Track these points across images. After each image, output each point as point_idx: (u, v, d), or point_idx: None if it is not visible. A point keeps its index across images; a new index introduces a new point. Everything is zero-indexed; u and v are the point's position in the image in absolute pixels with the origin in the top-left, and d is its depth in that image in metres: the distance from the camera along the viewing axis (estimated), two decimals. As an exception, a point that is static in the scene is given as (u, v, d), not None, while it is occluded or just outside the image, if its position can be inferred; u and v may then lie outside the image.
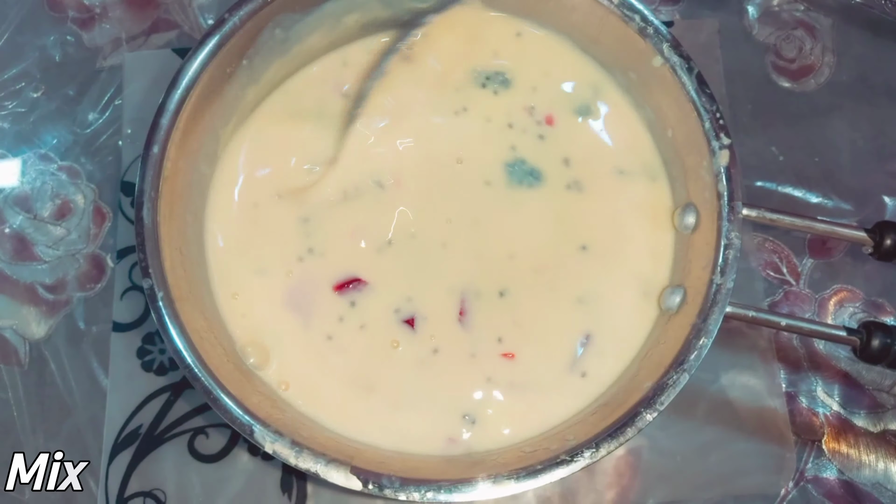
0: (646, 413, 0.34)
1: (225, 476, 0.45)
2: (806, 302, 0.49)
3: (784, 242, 0.50)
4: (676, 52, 0.39)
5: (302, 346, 0.41)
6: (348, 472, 0.33)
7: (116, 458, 0.45)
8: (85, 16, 0.54)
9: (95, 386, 0.46)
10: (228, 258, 0.42)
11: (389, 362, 0.40)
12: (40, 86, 0.53)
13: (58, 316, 0.48)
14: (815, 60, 0.54)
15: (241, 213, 0.43)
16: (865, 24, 0.54)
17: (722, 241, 0.36)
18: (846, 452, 0.46)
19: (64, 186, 0.50)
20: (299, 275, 0.42)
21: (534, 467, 0.33)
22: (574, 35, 0.44)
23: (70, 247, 0.49)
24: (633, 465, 0.45)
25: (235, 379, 0.36)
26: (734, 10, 0.55)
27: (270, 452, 0.34)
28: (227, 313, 0.40)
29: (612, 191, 0.43)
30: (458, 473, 0.34)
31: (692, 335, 0.35)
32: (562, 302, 0.41)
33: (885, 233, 0.36)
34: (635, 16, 0.40)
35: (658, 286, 0.41)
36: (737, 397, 0.46)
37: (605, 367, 0.39)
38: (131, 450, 0.45)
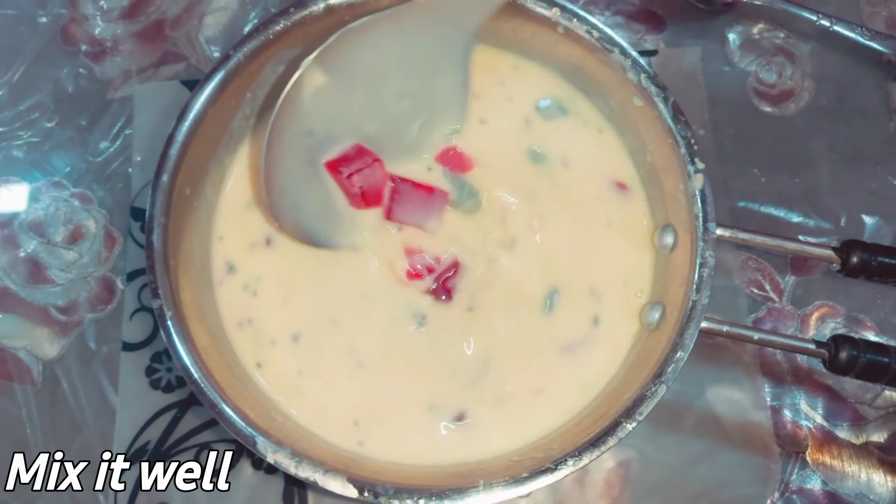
0: (626, 423, 0.35)
1: (229, 490, 0.46)
2: (788, 318, 0.50)
3: (767, 260, 0.52)
4: (653, 83, 0.41)
5: (301, 365, 0.43)
6: (345, 480, 0.35)
7: (125, 474, 0.46)
8: (97, 49, 0.57)
9: (105, 404, 0.48)
10: (233, 280, 0.44)
11: (384, 379, 0.42)
12: (54, 116, 0.55)
13: (70, 336, 0.50)
14: (795, 85, 0.56)
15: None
16: (843, 49, 0.56)
17: (697, 260, 0.38)
18: (830, 464, 0.48)
19: (76, 212, 0.53)
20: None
21: (520, 475, 0.35)
22: (559, 66, 0.46)
23: (82, 270, 0.51)
24: (623, 477, 0.47)
25: (239, 393, 0.38)
26: (716, 39, 0.57)
27: (272, 462, 0.35)
28: (231, 331, 0.42)
29: (596, 212, 0.45)
30: (449, 482, 0.35)
31: (669, 349, 0.37)
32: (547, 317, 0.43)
33: (852, 251, 0.38)
34: (615, 49, 0.42)
35: (639, 303, 0.42)
36: (723, 411, 0.48)
37: (588, 380, 0.41)
38: (139, 465, 0.46)
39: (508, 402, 0.41)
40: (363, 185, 0.42)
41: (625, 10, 0.58)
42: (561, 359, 0.42)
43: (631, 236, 0.43)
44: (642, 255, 0.43)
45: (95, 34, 0.57)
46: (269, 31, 0.43)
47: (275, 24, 0.43)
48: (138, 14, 0.58)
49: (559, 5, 0.43)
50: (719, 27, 0.57)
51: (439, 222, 0.43)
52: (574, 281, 0.43)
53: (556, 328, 0.43)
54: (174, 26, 0.57)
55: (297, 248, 0.44)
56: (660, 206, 0.43)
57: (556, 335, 0.42)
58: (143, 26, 0.58)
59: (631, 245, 0.43)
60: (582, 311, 0.43)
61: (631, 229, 0.44)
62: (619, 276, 0.43)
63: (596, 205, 0.45)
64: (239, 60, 0.42)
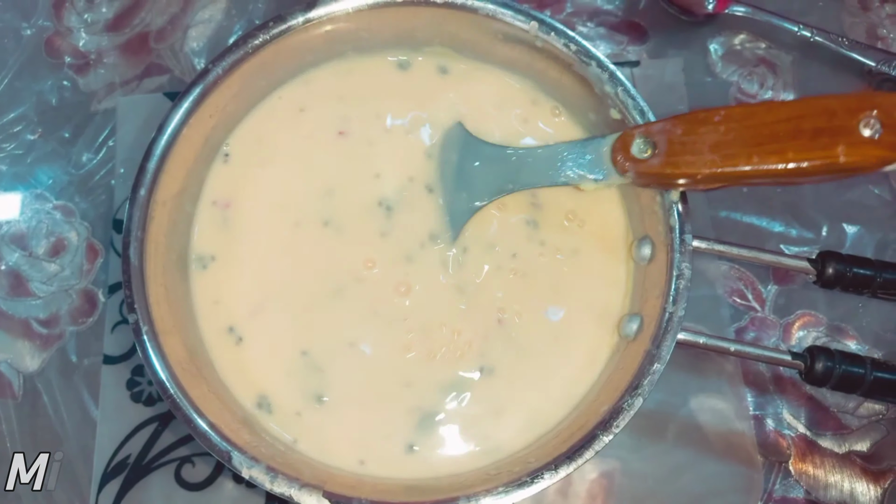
0: (602, 436, 0.35)
1: (210, 503, 0.46)
2: (771, 327, 0.51)
3: (749, 270, 0.52)
4: (629, 96, 0.41)
5: (280, 373, 0.42)
6: (320, 496, 0.35)
7: (105, 488, 0.46)
8: (81, 62, 0.57)
9: (86, 417, 0.48)
10: (211, 293, 0.44)
11: (365, 391, 0.42)
12: (37, 128, 0.55)
13: (51, 349, 0.50)
14: (776, 95, 0.56)
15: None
16: (824, 60, 0.57)
17: (674, 272, 0.38)
18: (812, 473, 0.48)
19: (58, 224, 0.53)
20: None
21: (496, 489, 0.35)
22: (538, 79, 0.46)
23: (63, 282, 0.51)
24: (607, 488, 0.47)
25: (216, 409, 0.38)
26: (698, 49, 0.57)
27: (247, 478, 0.35)
28: (210, 345, 0.42)
29: (576, 225, 0.45)
30: (425, 496, 0.35)
31: (646, 361, 0.37)
32: (527, 329, 0.43)
33: (827, 262, 0.38)
34: (591, 62, 0.42)
35: (617, 315, 0.43)
36: (706, 421, 0.48)
37: (566, 392, 0.41)
38: (120, 479, 0.46)
39: (486, 414, 0.41)
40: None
41: (608, 22, 0.58)
42: (538, 370, 0.42)
43: (608, 248, 0.43)
44: (621, 267, 0.43)
45: (80, 46, 0.57)
46: (248, 45, 0.43)
47: (254, 38, 0.43)
48: (123, 26, 0.58)
49: (538, 19, 0.43)
50: (701, 38, 0.58)
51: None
52: (552, 293, 0.43)
53: (534, 338, 0.43)
54: (159, 39, 0.58)
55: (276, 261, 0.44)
56: (637, 218, 0.43)
57: (535, 346, 0.42)
58: (128, 38, 0.58)
59: (608, 257, 0.43)
60: (560, 321, 0.43)
61: (608, 241, 0.44)
62: (596, 288, 0.43)
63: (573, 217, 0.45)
64: (218, 74, 0.42)
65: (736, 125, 0.36)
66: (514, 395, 0.42)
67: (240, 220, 0.45)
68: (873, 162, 0.34)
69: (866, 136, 0.34)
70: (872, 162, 0.34)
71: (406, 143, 0.46)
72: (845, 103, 0.34)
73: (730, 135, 0.36)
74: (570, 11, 0.59)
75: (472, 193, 0.43)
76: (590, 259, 0.43)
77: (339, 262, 0.44)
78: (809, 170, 0.35)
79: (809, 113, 0.35)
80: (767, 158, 0.35)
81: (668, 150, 0.38)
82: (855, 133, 0.34)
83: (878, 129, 0.33)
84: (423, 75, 0.47)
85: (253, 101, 0.46)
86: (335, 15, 0.44)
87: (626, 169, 0.39)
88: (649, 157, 0.38)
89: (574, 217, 0.45)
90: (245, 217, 0.45)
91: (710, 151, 0.36)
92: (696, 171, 0.37)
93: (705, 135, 0.37)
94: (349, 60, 0.47)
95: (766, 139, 0.35)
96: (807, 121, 0.35)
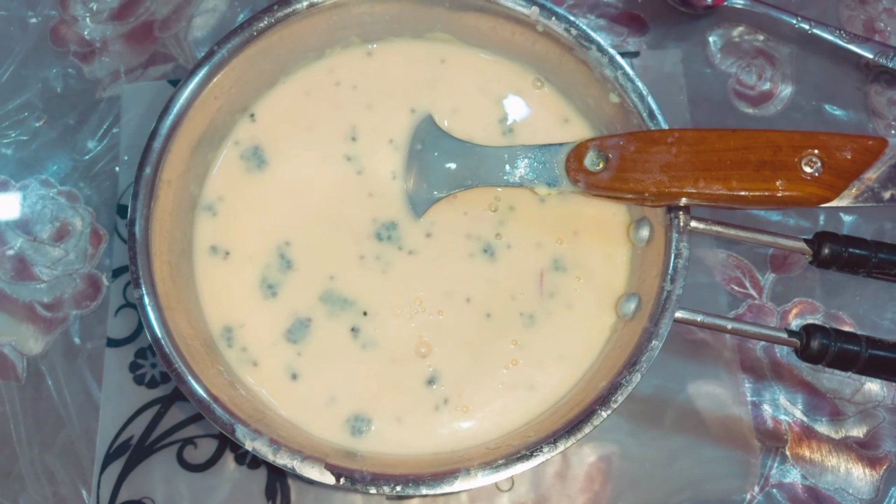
0: (601, 411, 0.36)
1: (212, 484, 0.46)
2: (768, 314, 0.51)
3: (747, 258, 0.52)
4: (629, 79, 0.42)
5: (283, 354, 0.43)
6: (322, 467, 0.35)
7: (108, 468, 0.47)
8: (86, 50, 0.58)
9: (89, 399, 0.48)
10: (214, 269, 0.44)
11: (362, 369, 0.43)
12: (42, 115, 0.56)
13: (55, 333, 0.50)
14: (775, 87, 0.57)
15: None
16: (822, 52, 0.57)
17: (672, 251, 0.39)
18: (809, 458, 0.48)
19: (63, 210, 0.53)
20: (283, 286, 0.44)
21: (496, 462, 0.35)
22: (536, 64, 0.47)
23: (68, 267, 0.52)
24: (605, 472, 0.47)
25: (220, 383, 0.38)
26: (697, 41, 0.58)
27: (250, 450, 0.36)
28: (211, 319, 0.43)
29: (575, 207, 0.45)
30: (425, 469, 0.36)
31: (644, 338, 0.37)
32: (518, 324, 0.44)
33: (823, 243, 0.38)
34: (591, 45, 0.43)
35: (615, 295, 0.43)
36: (703, 406, 0.48)
37: (566, 370, 0.41)
38: (122, 460, 0.47)
39: (486, 392, 0.42)
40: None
41: (608, 14, 0.59)
42: (538, 349, 0.42)
43: (607, 230, 0.44)
44: (620, 249, 0.44)
45: (85, 35, 0.58)
46: (252, 28, 0.43)
47: (259, 21, 0.43)
48: (127, 15, 0.58)
49: (538, 4, 0.43)
50: (700, 30, 0.58)
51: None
52: (552, 274, 0.44)
53: (535, 318, 0.43)
54: (163, 27, 0.58)
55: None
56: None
57: (535, 326, 0.43)
58: (132, 27, 0.58)
59: (607, 238, 0.44)
60: (560, 301, 0.43)
61: (607, 223, 0.44)
62: (595, 268, 0.44)
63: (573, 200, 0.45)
64: (223, 56, 0.43)
65: (687, 148, 0.38)
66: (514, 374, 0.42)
67: (242, 208, 0.46)
68: (810, 199, 0.36)
69: (807, 172, 0.36)
70: (809, 199, 0.36)
71: (386, 127, 0.47)
72: (791, 139, 0.37)
73: (681, 157, 0.38)
74: (570, 3, 0.59)
75: (432, 184, 0.45)
76: (589, 241, 0.44)
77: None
78: (750, 199, 0.37)
79: (756, 145, 0.37)
80: (712, 184, 0.37)
81: (620, 165, 0.39)
82: (796, 169, 0.36)
83: (819, 167, 0.36)
84: (424, 62, 0.48)
85: (258, 86, 0.46)
86: (339, 1, 0.44)
87: (578, 179, 0.41)
88: (600, 171, 0.40)
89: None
90: (251, 201, 0.46)
91: (660, 171, 0.38)
92: (644, 188, 0.38)
93: (657, 154, 0.38)
94: (354, 46, 0.48)
95: (714, 165, 0.37)
96: (753, 152, 0.37)
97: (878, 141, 0.36)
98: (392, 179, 0.46)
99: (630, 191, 0.39)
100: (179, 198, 0.42)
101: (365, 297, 0.44)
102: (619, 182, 0.39)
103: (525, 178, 0.42)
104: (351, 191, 0.45)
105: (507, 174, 0.43)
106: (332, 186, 0.46)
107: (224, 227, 0.45)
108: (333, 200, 0.46)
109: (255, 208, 0.45)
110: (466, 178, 0.44)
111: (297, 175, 0.46)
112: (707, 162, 0.37)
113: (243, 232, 0.45)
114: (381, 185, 0.46)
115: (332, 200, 0.46)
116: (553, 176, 0.42)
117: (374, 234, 0.44)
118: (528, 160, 0.42)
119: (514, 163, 0.43)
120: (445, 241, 0.44)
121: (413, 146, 0.46)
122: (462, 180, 0.44)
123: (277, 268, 0.44)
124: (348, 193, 0.45)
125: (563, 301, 0.43)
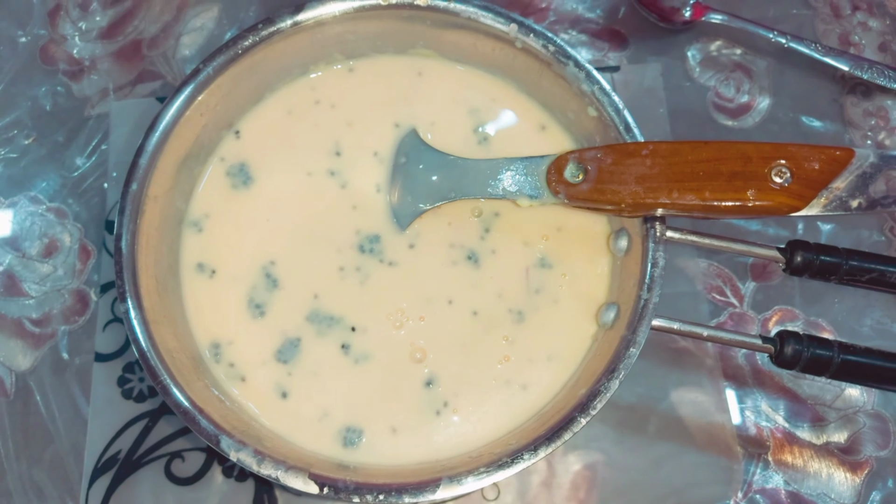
0: (580, 417, 0.36)
1: (200, 498, 0.47)
2: (749, 322, 0.52)
3: (728, 267, 0.53)
4: (605, 93, 0.43)
5: (273, 373, 0.43)
6: (306, 477, 0.36)
7: (96, 483, 0.47)
8: (75, 68, 0.58)
9: (77, 414, 0.49)
10: (201, 286, 0.45)
11: (356, 383, 0.43)
12: (31, 133, 0.56)
13: (43, 348, 0.51)
14: (753, 99, 0.58)
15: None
16: (798, 65, 0.58)
17: (649, 261, 0.39)
18: (791, 464, 0.49)
19: (52, 226, 0.54)
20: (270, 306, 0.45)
21: (478, 469, 0.36)
22: (517, 78, 0.48)
23: (56, 283, 0.52)
24: (590, 480, 0.48)
25: (206, 396, 0.39)
26: (677, 56, 0.59)
27: (235, 461, 0.36)
28: (198, 335, 0.43)
29: (557, 218, 0.46)
30: (409, 478, 0.36)
31: (622, 346, 0.38)
32: (507, 321, 0.44)
33: (796, 251, 0.39)
34: (569, 61, 0.44)
35: (597, 304, 0.44)
36: (687, 413, 0.49)
37: (555, 371, 0.42)
38: (110, 474, 0.47)
39: (482, 391, 0.42)
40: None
41: (589, 29, 0.60)
42: (528, 345, 0.43)
43: (588, 241, 0.45)
44: (600, 259, 0.44)
45: (74, 54, 0.59)
46: (237, 47, 0.44)
47: (244, 40, 0.44)
48: (116, 34, 0.59)
49: (517, 21, 0.44)
50: (680, 45, 0.60)
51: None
52: (535, 284, 0.45)
53: (523, 313, 0.44)
54: (151, 46, 0.59)
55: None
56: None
57: (524, 320, 0.44)
58: (121, 46, 0.59)
59: (589, 249, 0.45)
60: (547, 297, 0.44)
61: (588, 234, 0.45)
62: (579, 270, 0.44)
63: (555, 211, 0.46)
64: (209, 74, 0.44)
65: (661, 160, 0.39)
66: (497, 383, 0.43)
67: (228, 225, 0.46)
68: (780, 208, 0.37)
69: (776, 182, 0.37)
70: (780, 208, 0.37)
71: (370, 141, 0.48)
72: (760, 151, 0.38)
73: (655, 169, 0.39)
74: (552, 20, 0.61)
75: (417, 196, 0.45)
76: (570, 251, 0.45)
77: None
78: (723, 209, 0.38)
79: (728, 156, 0.38)
80: (686, 195, 0.38)
81: (598, 177, 0.40)
82: (766, 180, 0.37)
83: (788, 178, 0.37)
84: (403, 77, 0.49)
85: (243, 103, 0.47)
86: (322, 18, 0.45)
87: (559, 191, 0.42)
88: (580, 182, 0.41)
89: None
90: (237, 218, 0.46)
91: (636, 182, 0.39)
92: (621, 199, 0.39)
93: (632, 166, 0.39)
94: (336, 63, 0.49)
95: (687, 177, 0.39)
96: (725, 164, 0.38)
97: (845, 151, 0.37)
98: (376, 192, 0.46)
99: (607, 202, 0.40)
100: (166, 213, 0.43)
101: (350, 312, 0.44)
102: (598, 193, 0.40)
103: (508, 190, 0.43)
104: (334, 204, 0.46)
105: (491, 187, 0.44)
106: (316, 201, 0.46)
107: (210, 245, 0.45)
108: (317, 215, 0.46)
109: (241, 226, 0.46)
110: (450, 191, 0.45)
111: (281, 191, 0.46)
112: (680, 173, 0.38)
113: (229, 250, 0.45)
114: (365, 198, 0.46)
115: (316, 215, 0.46)
116: (535, 188, 0.42)
117: (356, 246, 0.45)
118: (510, 172, 0.43)
119: (497, 175, 0.44)
120: (428, 252, 0.45)
121: (397, 160, 0.47)
122: (446, 193, 0.45)
123: (264, 287, 0.44)
124: (331, 207, 0.46)
125: (550, 297, 0.44)
